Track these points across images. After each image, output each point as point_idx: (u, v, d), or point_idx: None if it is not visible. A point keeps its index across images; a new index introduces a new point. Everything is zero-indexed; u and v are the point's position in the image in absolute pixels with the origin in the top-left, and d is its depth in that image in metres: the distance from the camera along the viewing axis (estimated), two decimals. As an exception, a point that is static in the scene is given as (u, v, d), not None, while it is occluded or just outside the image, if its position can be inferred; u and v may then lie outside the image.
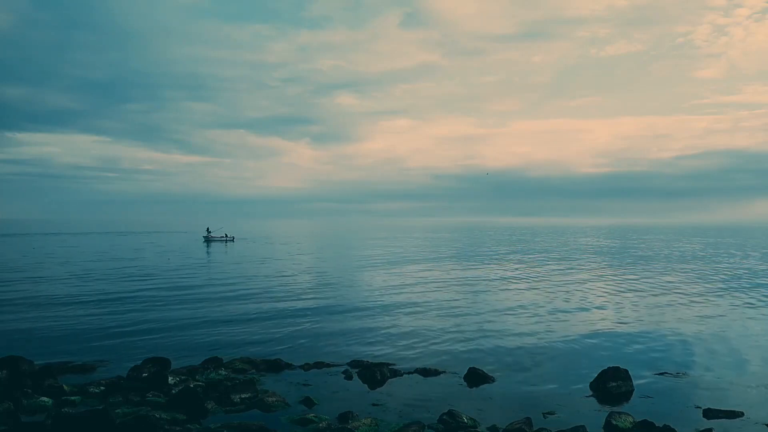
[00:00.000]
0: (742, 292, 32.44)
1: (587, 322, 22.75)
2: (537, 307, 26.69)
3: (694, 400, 13.08)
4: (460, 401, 12.82)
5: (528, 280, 38.60)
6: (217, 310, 25.05)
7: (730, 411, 12.09)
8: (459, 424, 11.10)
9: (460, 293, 31.47)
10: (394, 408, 12.37)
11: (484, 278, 39.56)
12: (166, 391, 12.93)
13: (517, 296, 30.42)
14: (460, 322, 22.87)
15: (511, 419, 11.30)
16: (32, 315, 23.57)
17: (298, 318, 23.40)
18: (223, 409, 12.01)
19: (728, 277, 40.42)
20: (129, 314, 23.93)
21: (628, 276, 41.12)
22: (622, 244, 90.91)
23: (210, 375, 14.45)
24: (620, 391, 13.55)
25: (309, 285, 34.96)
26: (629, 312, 25.32)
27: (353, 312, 25.00)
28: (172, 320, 22.65)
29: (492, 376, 14.85)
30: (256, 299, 28.52)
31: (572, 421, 11.43)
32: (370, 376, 14.59)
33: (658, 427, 10.85)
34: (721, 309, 26.27)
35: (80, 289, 31.77)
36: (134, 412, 11.24)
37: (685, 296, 30.43)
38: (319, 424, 11.12)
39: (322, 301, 28.00)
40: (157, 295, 29.61)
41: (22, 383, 13.07)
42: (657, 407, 12.56)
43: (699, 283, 36.95)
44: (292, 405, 12.44)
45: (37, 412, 11.55)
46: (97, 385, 13.19)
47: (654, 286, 35.08)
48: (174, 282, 35.92)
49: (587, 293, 31.59)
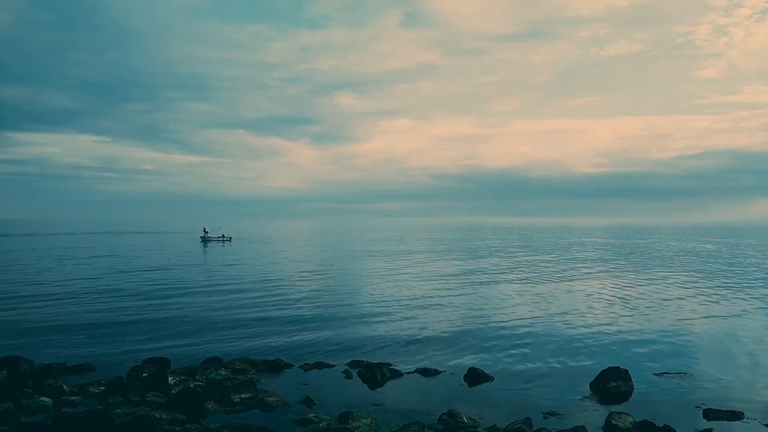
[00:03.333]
0: (743, 292, 32.44)
1: (587, 322, 22.75)
2: (537, 307, 26.68)
3: (694, 400, 13.07)
4: (460, 401, 12.83)
5: (528, 279, 38.59)
6: (217, 310, 25.05)
7: (730, 411, 12.09)
8: (459, 424, 11.11)
9: (460, 293, 31.47)
10: (394, 408, 12.37)
11: (484, 278, 39.55)
12: (166, 391, 12.93)
13: (517, 296, 30.41)
14: (460, 322, 22.88)
15: (511, 419, 11.30)
16: (32, 315, 23.57)
17: (298, 318, 23.41)
18: (223, 409, 12.02)
19: (729, 277, 40.42)
20: (129, 314, 23.94)
21: (628, 275, 41.13)
22: (622, 244, 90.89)
23: (210, 375, 14.45)
24: (620, 391, 13.55)
25: (309, 285, 34.95)
26: (629, 312, 25.30)
27: (353, 312, 25.00)
28: (172, 320, 22.66)
29: (492, 376, 14.85)
30: (255, 299, 28.52)
31: (572, 421, 11.44)
32: (370, 376, 14.59)
33: (658, 427, 10.85)
34: (722, 309, 26.27)
35: (80, 289, 31.76)
36: (134, 412, 11.25)
37: (685, 296, 30.42)
38: (319, 424, 11.12)
39: (322, 301, 28.00)
40: (156, 295, 29.62)
41: (22, 383, 13.07)
42: (657, 407, 12.55)
43: (699, 282, 36.94)
44: (292, 405, 12.44)
45: (37, 412, 11.55)
46: (97, 385, 13.20)
47: (654, 285, 35.07)
48: (174, 282, 35.92)
49: (587, 293, 31.59)
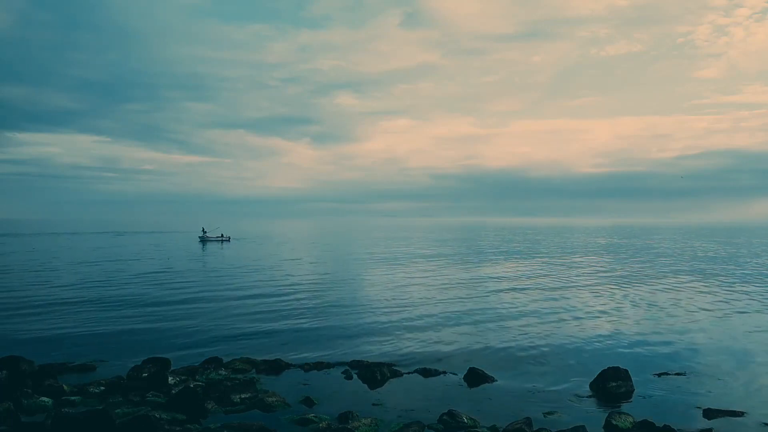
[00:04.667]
0: (744, 291, 32.43)
1: (587, 322, 22.75)
2: (537, 307, 26.67)
3: (694, 400, 13.08)
4: (460, 401, 12.83)
5: (528, 279, 38.57)
6: (217, 310, 25.04)
7: (730, 411, 12.10)
8: (459, 424, 11.11)
9: (460, 293, 31.45)
10: (394, 408, 12.37)
11: (484, 278, 39.54)
12: (166, 391, 12.93)
13: (518, 296, 30.40)
14: (460, 322, 22.87)
15: (511, 419, 11.30)
16: (32, 315, 23.56)
17: (298, 318, 23.41)
18: (223, 409, 12.02)
19: (729, 277, 40.40)
20: (129, 314, 23.93)
21: (628, 276, 41.11)
22: (621, 244, 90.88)
23: (210, 375, 14.46)
24: (620, 391, 13.55)
25: (309, 285, 34.93)
26: (630, 312, 25.31)
27: (353, 312, 25.00)
28: (172, 320, 22.66)
29: (492, 376, 14.84)
30: (255, 299, 28.51)
31: (572, 421, 11.44)
32: (370, 376, 14.59)
33: (658, 427, 10.85)
34: (722, 309, 26.25)
35: (80, 289, 31.75)
36: (134, 412, 11.25)
37: (685, 296, 30.41)
38: (319, 424, 11.12)
39: (322, 301, 27.99)
40: (156, 295, 29.61)
41: (22, 383, 13.08)
42: (657, 407, 12.56)
43: (699, 282, 36.93)
44: (292, 405, 12.44)
45: (37, 412, 11.55)
46: (97, 385, 13.20)
47: (654, 285, 35.05)
48: (174, 282, 35.91)
49: (588, 293, 31.58)
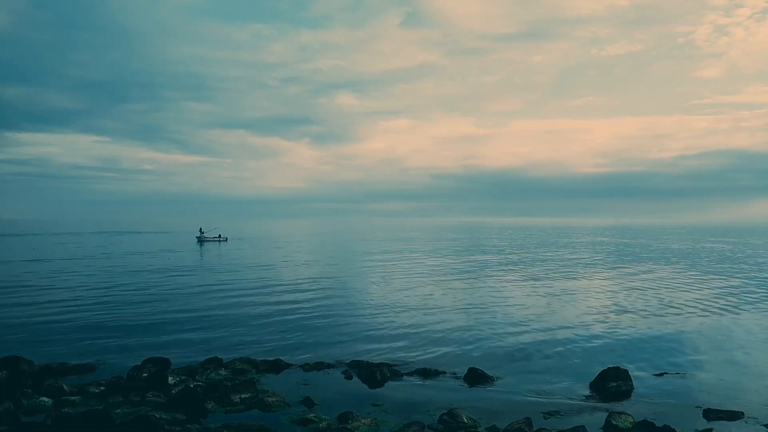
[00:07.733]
0: (744, 291, 32.43)
1: (588, 322, 22.75)
2: (537, 306, 26.68)
3: (694, 400, 13.08)
4: (460, 401, 12.82)
5: (528, 279, 38.58)
6: (217, 311, 25.05)
7: (730, 411, 12.09)
8: (459, 424, 11.10)
9: (460, 293, 31.46)
10: (394, 408, 12.37)
11: (484, 278, 39.54)
12: (166, 391, 12.93)
13: (518, 296, 30.40)
14: (460, 322, 22.87)
15: (511, 419, 11.29)
16: (32, 315, 23.56)
17: (298, 318, 23.41)
18: (223, 409, 12.01)
19: (729, 277, 40.41)
20: (129, 314, 23.93)
21: (628, 276, 41.12)
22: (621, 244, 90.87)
23: (210, 375, 14.45)
24: (620, 391, 13.55)
25: (309, 285, 34.93)
26: (630, 312, 25.30)
27: (353, 312, 25.00)
28: (172, 320, 22.66)
29: (492, 376, 14.84)
30: (255, 299, 28.52)
31: (572, 421, 11.45)
32: (370, 376, 14.58)
33: (658, 427, 10.85)
34: (722, 309, 26.25)
35: (80, 289, 31.76)
36: (134, 412, 11.25)
37: (685, 296, 30.41)
38: (319, 424, 11.12)
39: (322, 302, 28.00)
40: (156, 295, 29.61)
41: (22, 383, 13.08)
42: (657, 407, 12.55)
43: (699, 282, 36.94)
44: (292, 405, 12.43)
45: (37, 412, 11.55)
46: (97, 385, 13.20)
47: (654, 285, 35.07)
48: (173, 282, 35.92)
49: (588, 293, 31.58)
